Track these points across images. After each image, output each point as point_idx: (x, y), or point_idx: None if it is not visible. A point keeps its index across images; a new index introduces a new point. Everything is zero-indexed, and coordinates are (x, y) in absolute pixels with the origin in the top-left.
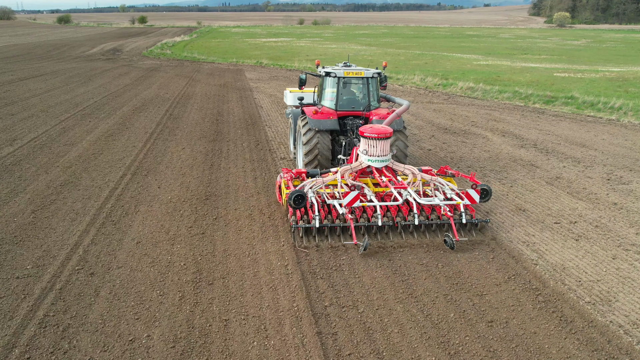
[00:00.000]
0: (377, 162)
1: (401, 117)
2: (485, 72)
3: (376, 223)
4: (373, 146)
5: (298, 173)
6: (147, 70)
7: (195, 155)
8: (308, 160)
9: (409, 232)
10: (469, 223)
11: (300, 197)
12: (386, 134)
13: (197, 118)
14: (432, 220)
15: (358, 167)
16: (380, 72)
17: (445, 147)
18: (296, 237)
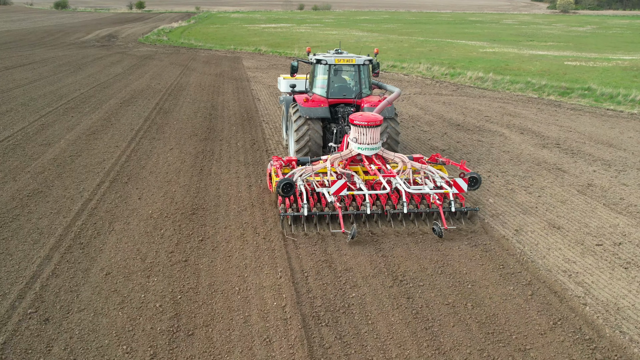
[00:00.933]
0: (367, 150)
1: (393, 104)
2: (493, 61)
3: (365, 211)
4: (363, 134)
5: (288, 161)
6: (140, 59)
7: (183, 158)
8: (299, 147)
9: (398, 220)
10: (459, 211)
11: (289, 185)
12: (376, 122)
13: (189, 112)
14: (421, 209)
15: (348, 155)
16: (371, 59)
17: (460, 147)
18: (285, 225)
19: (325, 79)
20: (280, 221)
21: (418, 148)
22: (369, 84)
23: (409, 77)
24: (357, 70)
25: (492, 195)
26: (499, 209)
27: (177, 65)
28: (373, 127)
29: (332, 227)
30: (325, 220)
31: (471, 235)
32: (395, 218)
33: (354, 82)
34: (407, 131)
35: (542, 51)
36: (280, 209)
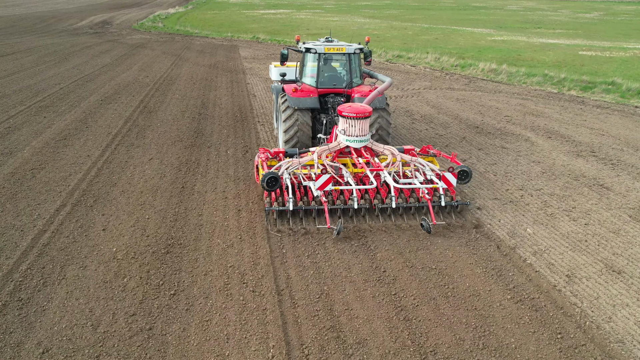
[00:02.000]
0: (355, 142)
1: (384, 94)
2: (503, 50)
3: (352, 206)
4: (352, 126)
5: (276, 153)
6: (132, 47)
7: (164, 171)
8: (287, 138)
9: (387, 215)
10: (449, 205)
11: (274, 179)
12: (365, 114)
13: (175, 112)
14: (410, 203)
15: (336, 148)
16: (362, 47)
17: (483, 156)
18: (270, 220)
19: (315, 68)
20: (265, 216)
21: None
22: (359, 73)
23: (416, 69)
24: (347, 59)
25: (530, 223)
26: (542, 242)
27: (169, 55)
28: (362, 118)
29: (318, 222)
30: (312, 214)
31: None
32: (383, 212)
33: (345, 71)
34: (421, 135)
35: (552, 39)
36: (265, 202)
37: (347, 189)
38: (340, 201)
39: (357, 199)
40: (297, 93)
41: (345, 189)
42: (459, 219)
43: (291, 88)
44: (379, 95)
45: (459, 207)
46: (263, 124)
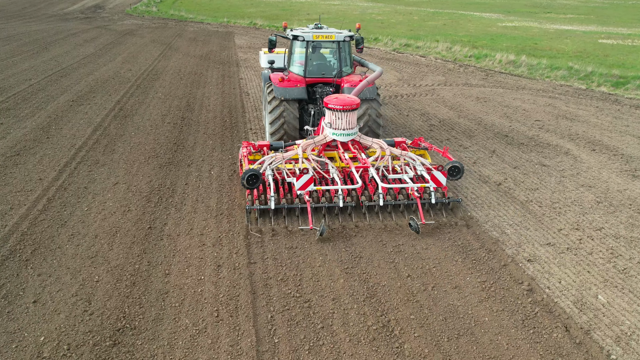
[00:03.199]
0: (342, 135)
1: (375, 83)
2: (517, 38)
3: (337, 204)
4: (338, 118)
5: (260, 146)
6: (120, 35)
7: (129, 203)
8: (273, 130)
9: (375, 213)
10: (440, 202)
11: (254, 177)
12: (352, 106)
13: (155, 116)
14: (399, 200)
15: (322, 141)
16: (353, 34)
17: (521, 179)
18: (251, 220)
19: (303, 57)
20: (246, 215)
21: (465, 177)
22: (350, 61)
23: (427, 60)
24: (337, 47)
25: (600, 285)
26: (622, 319)
27: (158, 44)
28: (349, 110)
29: (302, 221)
30: (295, 212)
31: None
32: (371, 210)
33: (334, 59)
34: (441, 145)
35: (565, 25)
36: (248, 200)
37: (330, 189)
38: (326, 199)
39: (342, 198)
40: (284, 83)
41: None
42: (450, 217)
43: (278, 77)
44: (369, 85)
45: (450, 204)
46: (256, 131)
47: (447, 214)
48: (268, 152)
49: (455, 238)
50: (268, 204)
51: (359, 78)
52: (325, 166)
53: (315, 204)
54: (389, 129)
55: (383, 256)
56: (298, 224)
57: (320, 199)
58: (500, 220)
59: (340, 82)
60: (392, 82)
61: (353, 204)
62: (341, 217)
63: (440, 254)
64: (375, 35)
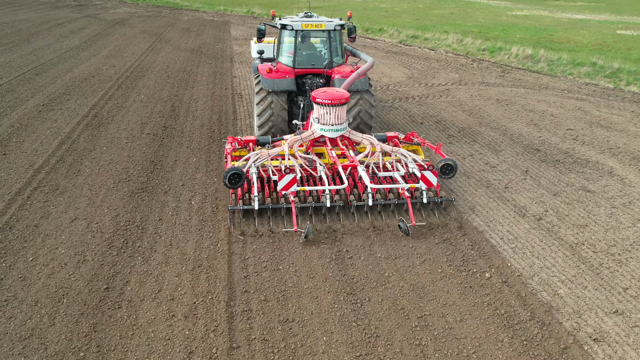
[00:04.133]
0: (330, 131)
1: (367, 74)
2: (531, 29)
3: (325, 204)
4: (327, 113)
5: (246, 142)
6: (109, 25)
7: (84, 251)
8: (261, 123)
9: (364, 212)
10: (432, 202)
11: (237, 176)
12: (341, 100)
13: (134, 125)
14: (389, 200)
15: (310, 137)
16: (344, 23)
17: (564, 211)
18: (234, 221)
19: (292, 47)
20: (230, 215)
21: (498, 209)
22: (341, 51)
23: (437, 54)
24: (327, 36)
25: None
26: None
27: (148, 35)
28: (338, 105)
29: (287, 222)
30: (281, 213)
31: None
32: (360, 210)
33: (324, 49)
34: (465, 164)
35: (577, 14)
36: (231, 200)
37: (314, 189)
38: (313, 198)
39: (329, 197)
40: (272, 74)
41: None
42: (443, 218)
43: (265, 68)
44: (362, 77)
45: (443, 203)
46: None
47: (439, 214)
48: (254, 147)
49: (493, 303)
50: (252, 204)
51: (350, 69)
52: (313, 163)
53: (301, 203)
54: None
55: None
56: (283, 225)
57: (307, 198)
58: (549, 273)
59: (331, 73)
60: (402, 81)
61: (341, 204)
62: (329, 217)
63: (474, 325)
64: (380, 25)
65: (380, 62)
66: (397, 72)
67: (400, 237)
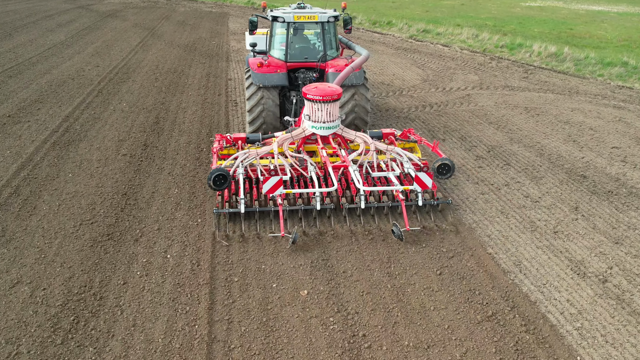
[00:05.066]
0: (322, 129)
1: (362, 68)
2: (548, 22)
3: (315, 207)
4: (318, 110)
5: (235, 139)
6: (101, 17)
7: (19, 336)
8: (251, 119)
9: (356, 215)
10: (428, 204)
11: (222, 177)
12: (333, 96)
13: (109, 142)
14: (383, 202)
15: (300, 135)
16: (338, 14)
17: (632, 269)
18: (219, 224)
19: (284, 40)
20: (215, 219)
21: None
22: (335, 44)
23: (451, 51)
24: (321, 28)
25: None
26: None
27: (140, 29)
28: (329, 102)
29: (275, 225)
30: (269, 216)
31: None
32: (352, 212)
33: (318, 42)
34: (501, 198)
35: (593, 5)
36: (217, 202)
37: (303, 192)
38: (303, 200)
39: (320, 200)
40: (263, 68)
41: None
42: (440, 222)
43: (256, 62)
44: (356, 70)
45: (439, 205)
46: None
47: (435, 218)
48: (244, 146)
49: None
50: (238, 207)
51: (345, 62)
52: (304, 163)
53: (290, 206)
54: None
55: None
56: (271, 229)
57: (297, 200)
58: None
59: (325, 66)
60: (416, 85)
61: (332, 207)
62: (319, 220)
63: None
64: (388, 17)
65: (390, 61)
66: (410, 73)
67: (393, 243)
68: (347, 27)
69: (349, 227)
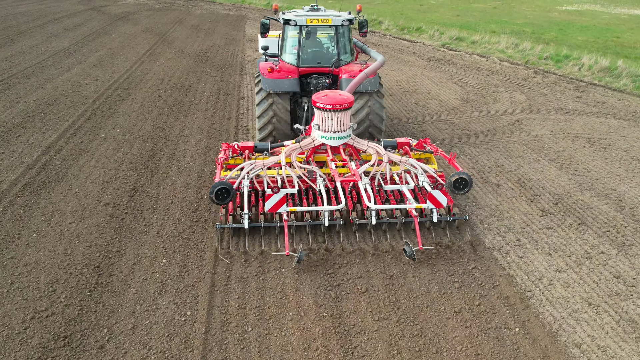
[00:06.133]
0: (332, 139)
1: (377, 73)
2: (591, 29)
3: (323, 223)
4: (328, 119)
5: (243, 148)
6: (111, 20)
7: None
8: (261, 125)
9: (367, 231)
10: (444, 221)
11: (224, 191)
12: (344, 105)
13: (92, 184)
14: (396, 218)
15: (309, 146)
16: (353, 18)
17: None
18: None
19: (296, 44)
20: (218, 234)
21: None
22: (350, 48)
23: (490, 63)
24: (334, 32)
25: None
26: None
27: (151, 34)
28: (340, 110)
29: (281, 241)
30: (276, 231)
31: None
32: (362, 228)
33: (331, 47)
34: (582, 277)
35: (635, 9)
36: (221, 216)
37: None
38: (311, 216)
39: (328, 216)
40: (274, 73)
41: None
42: (456, 239)
43: (267, 67)
44: (371, 77)
45: (456, 222)
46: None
47: (451, 235)
48: (251, 155)
49: None
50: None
51: (359, 68)
52: (314, 174)
53: (297, 221)
54: (477, 217)
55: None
56: (276, 247)
57: (305, 215)
58: None
59: (338, 72)
60: (456, 106)
61: (342, 222)
62: (327, 236)
63: None
64: (417, 22)
65: (423, 75)
66: (447, 90)
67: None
68: (363, 30)
69: (359, 245)
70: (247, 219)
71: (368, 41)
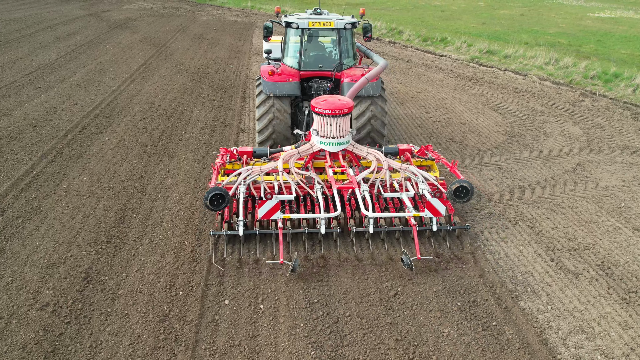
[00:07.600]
0: (331, 145)
1: (380, 78)
2: (633, 40)
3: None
4: (327, 124)
5: (241, 153)
6: (109, 28)
7: None
8: (261, 128)
9: (365, 239)
10: (444, 230)
11: (219, 197)
12: (343, 110)
13: (34, 266)
14: (395, 227)
15: (308, 152)
16: (356, 21)
17: None
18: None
19: (298, 47)
20: (213, 241)
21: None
22: (352, 52)
23: (528, 83)
24: (337, 35)
25: None
26: None
27: (149, 45)
28: (339, 116)
29: (275, 249)
30: (271, 238)
31: None
32: (360, 236)
33: (334, 50)
34: None
35: None
36: (216, 222)
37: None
38: (307, 223)
39: (325, 224)
40: (274, 76)
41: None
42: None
43: (267, 70)
44: (373, 81)
45: (456, 231)
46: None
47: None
48: (249, 160)
49: None
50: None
51: (361, 72)
52: (312, 181)
53: (293, 229)
54: None
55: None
56: (271, 255)
57: (302, 221)
58: None
59: (340, 76)
60: (499, 143)
61: (339, 230)
62: (324, 243)
63: None
64: (442, 32)
65: (454, 99)
66: (485, 120)
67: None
68: (367, 34)
69: (355, 253)
70: (242, 225)
71: (388, 54)
